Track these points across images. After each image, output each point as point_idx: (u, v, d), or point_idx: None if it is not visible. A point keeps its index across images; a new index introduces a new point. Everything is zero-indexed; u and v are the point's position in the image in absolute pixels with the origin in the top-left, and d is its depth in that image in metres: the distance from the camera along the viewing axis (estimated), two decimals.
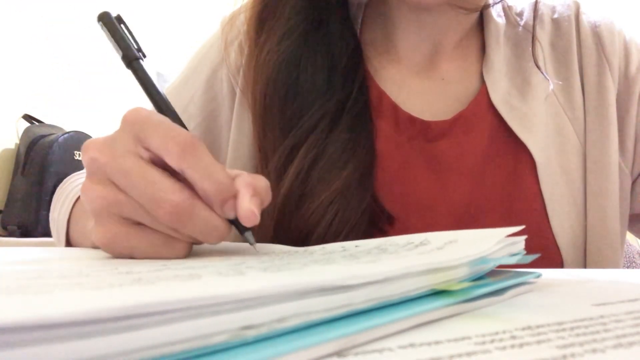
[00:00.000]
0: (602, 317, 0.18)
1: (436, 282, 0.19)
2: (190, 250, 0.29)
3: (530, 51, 0.50)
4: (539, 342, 0.15)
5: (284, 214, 0.43)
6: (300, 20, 0.47)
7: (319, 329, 0.15)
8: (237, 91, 0.51)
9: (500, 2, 0.53)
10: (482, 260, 0.22)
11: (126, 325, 0.11)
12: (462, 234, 0.26)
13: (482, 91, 0.49)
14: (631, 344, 0.15)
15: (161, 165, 0.27)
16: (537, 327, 0.17)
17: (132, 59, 0.32)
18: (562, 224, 0.45)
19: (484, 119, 0.48)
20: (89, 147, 0.28)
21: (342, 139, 0.44)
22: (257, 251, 0.30)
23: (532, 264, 0.26)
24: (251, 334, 0.13)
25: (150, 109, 0.29)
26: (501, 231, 0.24)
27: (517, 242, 0.24)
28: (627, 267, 1.24)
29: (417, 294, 0.19)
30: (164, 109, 0.31)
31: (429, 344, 0.15)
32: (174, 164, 0.27)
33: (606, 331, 0.16)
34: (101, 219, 0.28)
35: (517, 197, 0.46)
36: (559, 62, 0.50)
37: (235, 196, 0.27)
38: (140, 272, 0.19)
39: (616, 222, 0.47)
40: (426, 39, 0.50)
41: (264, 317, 0.14)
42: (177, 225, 0.27)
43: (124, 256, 0.28)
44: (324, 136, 0.44)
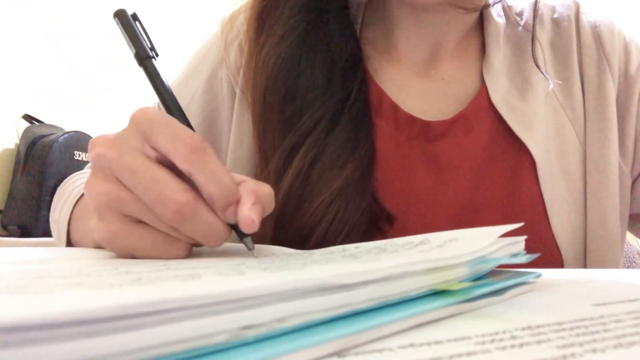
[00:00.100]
0: (602, 317, 0.18)
1: (436, 282, 0.19)
2: (190, 251, 0.29)
3: (530, 51, 0.50)
4: (539, 342, 0.15)
5: (284, 214, 0.43)
6: (299, 20, 0.47)
7: (319, 329, 0.15)
8: (237, 91, 0.51)
9: (500, 2, 0.53)
10: (482, 260, 0.22)
11: (126, 325, 0.11)
12: (462, 233, 0.26)
13: (482, 91, 0.49)
14: (631, 344, 0.15)
15: (167, 165, 0.27)
16: (537, 327, 0.17)
17: (144, 57, 0.32)
18: (562, 224, 0.45)
19: (484, 118, 0.48)
20: (96, 143, 0.28)
21: (342, 138, 0.44)
22: (255, 257, 0.30)
23: (532, 264, 0.26)
24: (251, 334, 0.13)
25: (157, 110, 0.29)
26: (501, 228, 0.24)
27: (517, 242, 0.25)
28: (627, 267, 1.24)
29: (417, 293, 0.19)
30: (173, 110, 0.31)
31: (429, 344, 0.15)
32: (182, 165, 0.27)
33: (606, 331, 0.16)
34: (103, 215, 0.28)
35: (517, 197, 0.46)
36: (558, 62, 0.51)
37: (238, 202, 0.27)
38: (140, 272, 0.19)
39: (616, 222, 0.47)
40: (426, 39, 0.50)
41: (264, 317, 0.14)
42: (179, 225, 0.27)
43: (124, 254, 0.28)
44: (323, 136, 0.44)
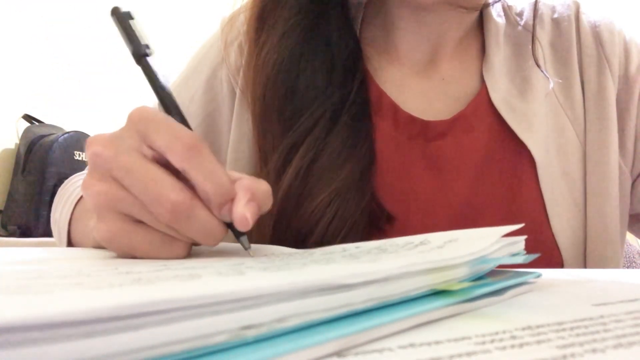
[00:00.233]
0: (602, 317, 0.18)
1: (436, 282, 0.19)
2: (189, 250, 0.29)
3: (530, 51, 0.50)
4: (539, 342, 0.15)
5: (284, 214, 0.43)
6: (299, 20, 0.46)
7: (319, 329, 0.15)
8: (237, 91, 0.51)
9: (499, 2, 0.53)
10: (482, 260, 0.22)
11: (126, 325, 0.11)
12: (462, 233, 0.26)
13: (482, 91, 0.49)
14: (631, 344, 0.15)
15: (164, 164, 0.27)
16: (537, 327, 0.17)
17: (141, 55, 0.32)
18: (562, 224, 0.45)
19: (483, 118, 0.48)
20: (92, 142, 0.28)
21: (342, 138, 0.44)
22: (251, 256, 0.30)
23: (532, 264, 0.26)
24: (251, 334, 0.13)
25: (155, 109, 0.29)
26: (501, 229, 0.24)
27: (517, 242, 0.25)
28: (627, 267, 1.24)
29: (417, 294, 0.19)
30: (171, 108, 0.31)
31: (429, 344, 0.15)
32: (178, 163, 0.27)
33: (606, 331, 0.16)
34: (102, 215, 0.28)
35: (517, 197, 0.46)
36: (558, 62, 0.50)
37: (233, 200, 0.27)
38: (140, 272, 0.19)
39: (616, 222, 0.47)
40: (426, 39, 0.50)
41: (264, 317, 0.14)
42: (176, 224, 0.27)
43: (124, 253, 0.28)
44: (323, 135, 0.44)
